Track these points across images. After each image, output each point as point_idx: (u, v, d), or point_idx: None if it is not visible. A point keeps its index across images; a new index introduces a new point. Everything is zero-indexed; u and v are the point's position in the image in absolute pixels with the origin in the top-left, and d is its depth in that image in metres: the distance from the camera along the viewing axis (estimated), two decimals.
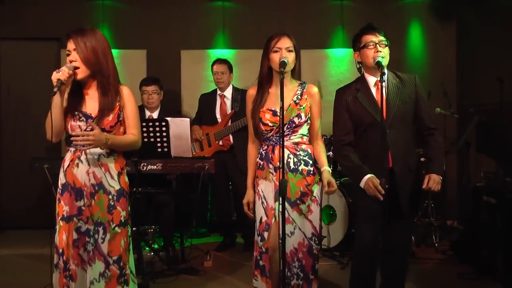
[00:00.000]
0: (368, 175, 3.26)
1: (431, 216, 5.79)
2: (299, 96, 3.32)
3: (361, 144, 3.42)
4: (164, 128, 4.61)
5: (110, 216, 3.08)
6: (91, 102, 3.09)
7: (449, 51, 6.87)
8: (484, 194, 4.70)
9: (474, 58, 6.49)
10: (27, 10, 6.70)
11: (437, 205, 5.98)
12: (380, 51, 3.27)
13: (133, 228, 4.55)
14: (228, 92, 5.64)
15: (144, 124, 4.52)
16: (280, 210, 3.13)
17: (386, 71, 3.34)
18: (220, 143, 5.56)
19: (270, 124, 3.30)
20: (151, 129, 4.61)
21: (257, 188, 3.38)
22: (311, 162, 3.32)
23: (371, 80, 3.38)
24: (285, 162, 3.21)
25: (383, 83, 3.17)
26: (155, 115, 5.47)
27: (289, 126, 3.28)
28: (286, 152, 3.25)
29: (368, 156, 3.34)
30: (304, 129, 3.33)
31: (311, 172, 3.31)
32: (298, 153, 3.29)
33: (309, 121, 3.34)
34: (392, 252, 3.43)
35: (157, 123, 4.62)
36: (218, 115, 5.62)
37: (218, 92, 5.67)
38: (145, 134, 4.53)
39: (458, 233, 5.75)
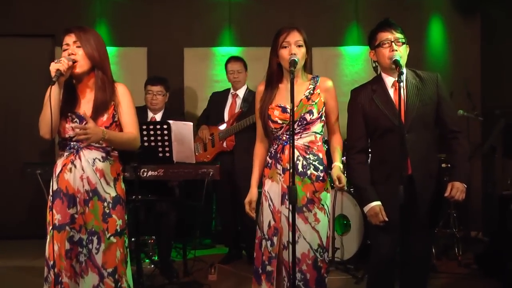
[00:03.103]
0: (373, 203, 3.30)
1: (453, 227, 5.74)
2: (311, 91, 3.31)
3: (377, 150, 3.41)
4: (165, 132, 4.60)
5: (105, 224, 3.08)
6: (85, 103, 3.12)
7: (472, 49, 6.84)
8: (511, 203, 4.68)
9: (500, 56, 6.46)
10: (19, 4, 6.73)
11: (460, 214, 5.92)
12: (396, 50, 3.25)
13: (133, 239, 4.58)
14: (241, 92, 5.70)
15: (144, 127, 4.52)
16: (287, 215, 3.12)
17: (404, 70, 3.33)
18: (224, 144, 5.57)
19: (279, 121, 3.29)
20: (151, 132, 4.60)
21: (264, 188, 3.37)
22: (321, 167, 3.29)
23: (389, 80, 3.36)
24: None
25: (401, 84, 3.16)
26: (158, 117, 5.48)
27: (300, 124, 3.26)
28: (296, 153, 3.22)
29: (385, 162, 3.32)
30: (317, 127, 3.31)
31: (321, 178, 3.28)
32: (307, 156, 3.27)
33: (323, 118, 3.33)
34: (410, 265, 3.39)
35: (158, 126, 4.61)
36: (226, 115, 5.67)
37: (231, 91, 5.73)
38: (145, 138, 4.53)
39: (483, 245, 5.71)
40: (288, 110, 3.23)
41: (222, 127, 5.61)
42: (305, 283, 3.22)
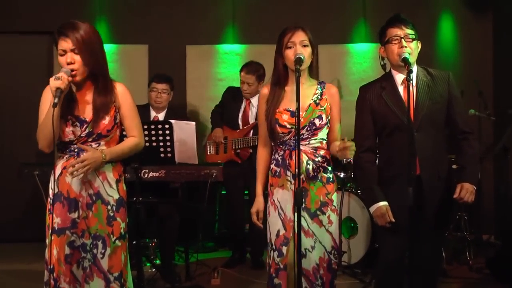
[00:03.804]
0: (380, 204, 3.29)
1: (464, 230, 5.73)
2: (319, 96, 3.30)
3: (385, 149, 3.40)
4: (167, 132, 4.61)
5: (110, 228, 3.08)
6: (85, 106, 3.09)
7: (484, 46, 6.83)
8: None
9: None
10: (18, 1, 6.74)
11: (471, 217, 5.91)
12: (405, 46, 3.25)
13: (134, 242, 4.57)
14: (256, 100, 5.54)
15: (145, 127, 4.51)
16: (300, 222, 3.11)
17: (415, 67, 3.33)
18: (237, 151, 5.54)
19: (288, 126, 3.27)
20: (153, 132, 4.61)
21: (272, 198, 3.34)
22: (330, 168, 3.31)
23: (399, 77, 3.36)
24: (304, 169, 3.20)
25: (411, 82, 3.15)
26: (161, 116, 5.48)
27: (309, 129, 3.25)
28: (305, 158, 3.23)
29: (393, 162, 3.32)
30: (324, 133, 3.30)
31: (331, 179, 3.30)
32: (317, 159, 3.27)
33: (328, 124, 3.32)
34: (419, 269, 3.38)
35: (159, 126, 4.62)
36: (239, 120, 5.62)
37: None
38: (146, 138, 4.53)
39: (495, 249, 5.69)
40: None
41: (237, 134, 5.56)
42: (323, 287, 3.24)
